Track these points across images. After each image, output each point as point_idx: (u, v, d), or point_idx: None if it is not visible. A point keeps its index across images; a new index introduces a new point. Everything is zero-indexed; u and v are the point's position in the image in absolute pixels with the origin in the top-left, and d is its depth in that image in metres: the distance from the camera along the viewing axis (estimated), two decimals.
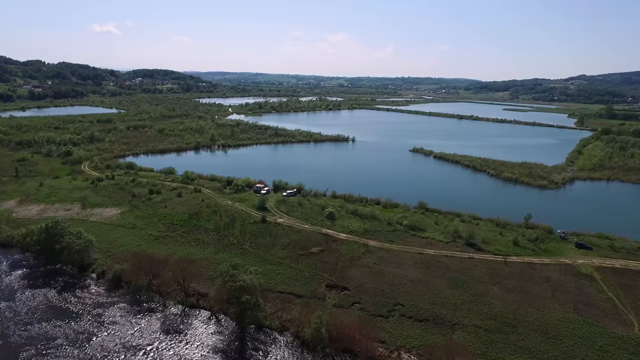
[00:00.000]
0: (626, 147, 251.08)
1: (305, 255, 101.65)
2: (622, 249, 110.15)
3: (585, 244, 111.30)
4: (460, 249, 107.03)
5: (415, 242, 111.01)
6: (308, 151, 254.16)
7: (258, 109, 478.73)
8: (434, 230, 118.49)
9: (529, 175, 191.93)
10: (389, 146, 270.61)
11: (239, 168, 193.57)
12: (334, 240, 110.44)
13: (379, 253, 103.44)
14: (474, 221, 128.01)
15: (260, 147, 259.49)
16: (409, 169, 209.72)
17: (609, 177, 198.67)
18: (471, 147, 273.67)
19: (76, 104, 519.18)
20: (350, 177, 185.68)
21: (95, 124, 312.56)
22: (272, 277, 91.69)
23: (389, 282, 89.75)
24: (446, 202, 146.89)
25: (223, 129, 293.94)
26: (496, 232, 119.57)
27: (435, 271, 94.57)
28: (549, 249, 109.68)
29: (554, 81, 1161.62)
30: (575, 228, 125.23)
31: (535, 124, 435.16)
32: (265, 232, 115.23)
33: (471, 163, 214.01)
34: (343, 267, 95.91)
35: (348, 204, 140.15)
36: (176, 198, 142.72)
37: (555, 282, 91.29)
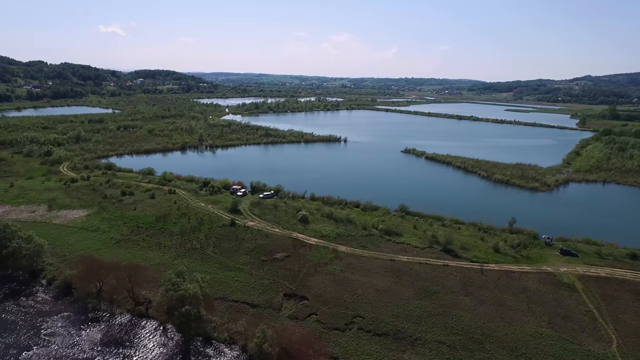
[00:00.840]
0: (626, 148, 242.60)
1: (269, 261, 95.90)
2: (610, 255, 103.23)
3: (571, 251, 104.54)
4: (436, 255, 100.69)
5: (389, 247, 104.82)
6: (297, 152, 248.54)
7: (255, 109, 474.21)
8: (411, 235, 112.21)
9: (521, 177, 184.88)
10: (381, 147, 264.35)
11: (221, 169, 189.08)
12: (303, 246, 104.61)
13: (347, 259, 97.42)
14: (456, 225, 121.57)
15: (249, 147, 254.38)
16: (399, 170, 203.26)
17: (605, 179, 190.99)
18: (467, 147, 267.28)
19: (73, 104, 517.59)
20: (336, 178, 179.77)
21: (85, 124, 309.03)
22: (229, 285, 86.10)
23: (353, 291, 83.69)
24: (431, 205, 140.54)
25: (213, 129, 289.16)
26: (477, 237, 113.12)
27: (405, 280, 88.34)
28: (532, 255, 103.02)
29: (559, 82, 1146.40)
30: (563, 233, 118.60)
31: (536, 125, 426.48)
32: (232, 236, 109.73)
33: (462, 164, 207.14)
34: (306, 275, 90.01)
35: (326, 206, 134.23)
36: (148, 200, 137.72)
37: (533, 293, 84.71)
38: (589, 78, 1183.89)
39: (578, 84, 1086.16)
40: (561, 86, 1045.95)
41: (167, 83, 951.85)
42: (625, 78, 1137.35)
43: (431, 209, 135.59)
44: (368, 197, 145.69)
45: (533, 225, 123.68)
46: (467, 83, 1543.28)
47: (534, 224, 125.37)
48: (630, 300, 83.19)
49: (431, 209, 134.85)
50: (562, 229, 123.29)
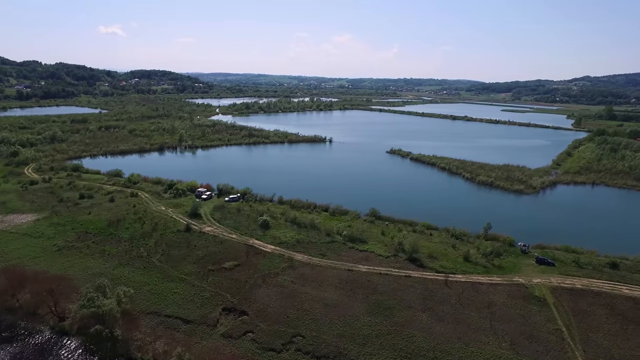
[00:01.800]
0: (617, 148, 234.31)
1: (216, 271, 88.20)
2: (588, 265, 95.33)
3: (547, 259, 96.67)
4: (400, 265, 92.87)
5: (350, 256, 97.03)
6: (279, 153, 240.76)
7: (245, 109, 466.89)
8: (376, 242, 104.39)
9: (506, 179, 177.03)
10: (367, 147, 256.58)
11: (195, 170, 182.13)
12: (257, 253, 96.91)
13: (302, 269, 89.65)
14: (428, 231, 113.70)
15: (230, 148, 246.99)
16: (381, 171, 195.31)
17: (594, 181, 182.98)
18: (456, 148, 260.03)
19: (63, 104, 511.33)
20: (313, 180, 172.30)
21: (67, 124, 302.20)
22: (166, 297, 78.37)
23: (299, 306, 75.92)
24: (408, 209, 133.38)
25: (195, 130, 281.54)
26: (449, 244, 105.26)
27: (359, 293, 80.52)
28: (505, 265, 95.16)
29: (557, 82, 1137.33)
30: (543, 239, 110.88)
31: (530, 125, 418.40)
32: (184, 242, 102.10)
33: (447, 165, 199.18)
34: (252, 286, 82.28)
35: (292, 210, 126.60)
36: (107, 203, 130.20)
37: (498, 308, 76.83)
38: (587, 78, 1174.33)
39: (576, 84, 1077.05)
40: (559, 87, 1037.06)
41: (162, 83, 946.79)
42: (624, 78, 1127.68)
43: (407, 212, 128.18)
44: (343, 199, 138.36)
45: (512, 231, 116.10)
46: (466, 84, 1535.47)
47: (513, 230, 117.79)
48: (603, 315, 75.31)
49: (407, 213, 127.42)
50: (542, 234, 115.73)
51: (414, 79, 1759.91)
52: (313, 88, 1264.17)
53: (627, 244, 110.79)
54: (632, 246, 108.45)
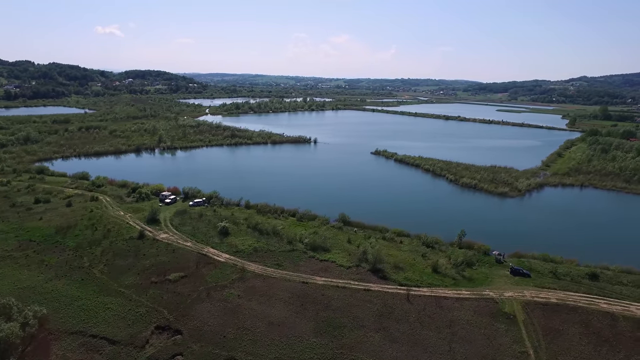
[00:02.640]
0: (609, 149, 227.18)
1: (159, 283, 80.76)
2: (567, 275, 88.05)
3: (522, 270, 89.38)
4: (361, 276, 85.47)
5: (309, 266, 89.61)
6: (260, 153, 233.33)
7: (235, 109, 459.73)
8: (340, 251, 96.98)
9: (491, 181, 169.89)
10: (352, 148, 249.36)
11: (167, 172, 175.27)
12: (208, 263, 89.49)
13: (252, 281, 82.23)
14: (398, 238, 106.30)
15: (210, 149, 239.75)
16: (362, 173, 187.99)
17: (582, 183, 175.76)
18: (445, 149, 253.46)
19: (51, 104, 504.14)
20: (290, 182, 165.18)
21: (48, 124, 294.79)
22: (96, 314, 70.87)
23: (240, 324, 68.50)
24: (383, 213, 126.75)
25: (176, 130, 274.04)
26: (419, 253, 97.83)
27: (310, 309, 73.10)
28: (476, 276, 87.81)
29: (554, 82, 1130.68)
30: (521, 246, 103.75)
31: (524, 125, 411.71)
32: (133, 251, 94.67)
33: (431, 167, 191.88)
34: (195, 301, 74.84)
35: (258, 215, 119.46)
36: (62, 208, 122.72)
37: (461, 328, 69.44)
38: (584, 79, 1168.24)
39: (573, 84, 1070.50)
40: (556, 87, 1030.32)
41: (156, 83, 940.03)
42: (621, 79, 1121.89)
43: (381, 217, 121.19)
44: (317, 203, 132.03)
45: (491, 237, 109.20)
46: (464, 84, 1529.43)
47: (492, 236, 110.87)
48: (577, 335, 67.99)
49: (381, 218, 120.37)
50: (522, 241, 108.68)
51: (411, 80, 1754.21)
52: (309, 88, 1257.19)
53: (610, 252, 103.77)
54: (615, 254, 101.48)
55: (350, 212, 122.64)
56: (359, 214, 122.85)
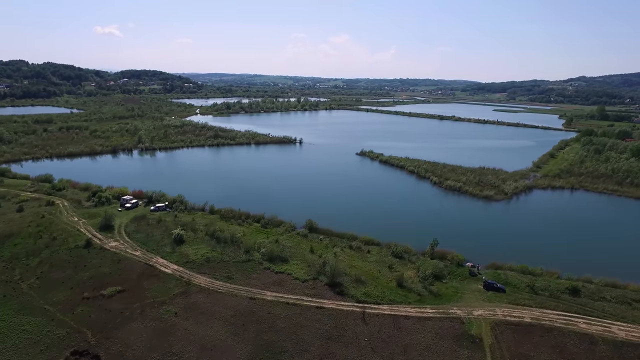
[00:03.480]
0: (602, 150, 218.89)
1: (91, 299, 72.91)
2: (545, 290, 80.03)
3: (496, 284, 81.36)
4: (316, 291, 77.48)
5: (262, 279, 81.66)
6: (242, 154, 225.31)
7: (226, 109, 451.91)
8: (299, 262, 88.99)
9: (477, 184, 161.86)
10: (338, 149, 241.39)
11: (138, 174, 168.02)
12: (153, 275, 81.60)
13: (196, 296, 74.30)
14: (366, 247, 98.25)
15: (191, 149, 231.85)
16: (344, 174, 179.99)
17: (573, 186, 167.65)
18: (434, 149, 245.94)
19: (40, 104, 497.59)
20: (265, 184, 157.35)
21: (29, 124, 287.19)
22: (9, 338, 63.28)
23: (168, 348, 60.61)
24: (357, 218, 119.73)
25: (157, 131, 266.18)
26: (386, 264, 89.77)
27: (251, 330, 65.16)
28: (445, 291, 79.79)
29: (553, 82, 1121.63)
30: (500, 256, 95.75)
31: (519, 125, 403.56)
32: (74, 262, 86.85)
33: (416, 169, 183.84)
34: (124, 320, 66.98)
35: (221, 221, 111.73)
36: (12, 214, 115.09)
37: (418, 354, 61.48)
38: (583, 79, 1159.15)
39: (572, 84, 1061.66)
40: (555, 87, 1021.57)
41: (152, 83, 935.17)
42: (620, 79, 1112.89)
43: (354, 223, 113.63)
44: (289, 207, 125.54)
45: (468, 246, 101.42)
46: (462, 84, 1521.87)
47: (469, 244, 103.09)
48: None
49: (354, 224, 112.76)
50: (501, 250, 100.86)
51: (410, 80, 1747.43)
52: (307, 88, 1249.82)
53: (595, 261, 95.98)
54: (601, 263, 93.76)
55: (324, 217, 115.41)
56: (331, 219, 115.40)
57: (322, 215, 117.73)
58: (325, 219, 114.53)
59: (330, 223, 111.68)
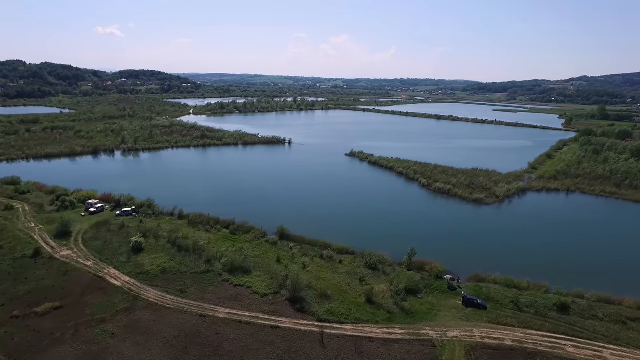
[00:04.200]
0: (601, 150, 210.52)
1: (20, 318, 65.51)
2: (530, 307, 72.23)
3: (476, 300, 73.58)
4: (275, 308, 69.86)
5: (219, 293, 74.12)
6: (228, 155, 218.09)
7: (219, 109, 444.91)
8: (263, 273, 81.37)
9: (468, 186, 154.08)
10: (328, 149, 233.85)
11: (112, 176, 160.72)
12: (100, 289, 74.22)
13: (141, 313, 66.85)
14: (339, 257, 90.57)
15: (176, 150, 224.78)
16: (329, 176, 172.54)
17: (569, 188, 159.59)
18: (426, 149, 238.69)
19: (33, 104, 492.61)
20: (243, 187, 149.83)
21: (14, 124, 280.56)
22: None
23: None
24: (335, 225, 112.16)
25: (144, 131, 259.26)
26: (357, 276, 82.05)
27: (193, 354, 57.67)
28: (419, 308, 72.03)
29: (554, 82, 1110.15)
30: (485, 266, 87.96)
31: (518, 125, 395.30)
32: (14, 274, 79.58)
33: (405, 170, 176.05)
34: (53, 343, 59.61)
35: (188, 228, 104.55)
36: None
37: None
38: (585, 78, 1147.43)
39: (573, 84, 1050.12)
40: (556, 86, 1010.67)
41: (150, 83, 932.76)
42: (621, 78, 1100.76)
43: (331, 229, 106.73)
44: (265, 212, 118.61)
45: (451, 254, 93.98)
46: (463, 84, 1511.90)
47: (453, 253, 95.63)
48: None
49: (331, 230, 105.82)
50: (486, 259, 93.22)
51: (410, 79, 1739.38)
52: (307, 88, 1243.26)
53: (589, 272, 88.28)
54: (594, 275, 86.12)
55: (301, 222, 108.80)
56: (309, 224, 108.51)
57: (299, 220, 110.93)
58: (302, 224, 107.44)
59: (307, 228, 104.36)
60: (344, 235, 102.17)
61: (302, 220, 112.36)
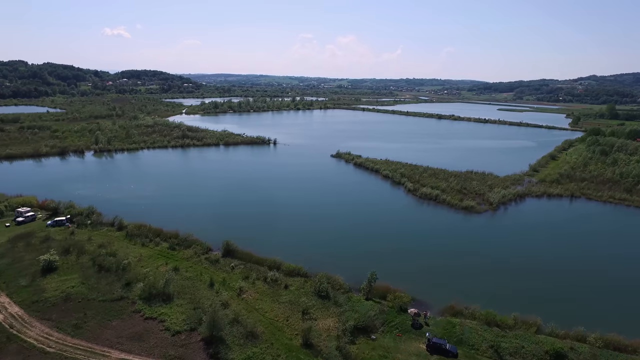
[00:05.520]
0: (609, 151, 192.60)
1: None
2: (515, 355, 56.20)
3: (445, 344, 57.92)
4: (184, 352, 54.76)
5: (123, 328, 59.20)
6: (202, 156, 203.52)
7: (213, 108, 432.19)
8: (186, 302, 66.30)
9: (459, 191, 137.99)
10: (315, 150, 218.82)
11: (64, 180, 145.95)
12: None
13: None
14: (285, 280, 75.18)
15: (152, 151, 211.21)
16: (307, 180, 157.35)
17: (573, 193, 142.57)
18: (420, 150, 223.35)
19: (24, 103, 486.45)
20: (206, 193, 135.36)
21: None
22: None
23: None
24: (297, 238, 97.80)
25: (122, 131, 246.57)
26: (300, 308, 66.41)
27: None
28: (367, 355, 56.49)
29: (562, 82, 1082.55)
30: (462, 295, 71.94)
31: (522, 124, 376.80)
32: None
33: (391, 173, 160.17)
34: None
35: (124, 240, 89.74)
36: None
37: None
38: (593, 78, 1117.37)
39: (581, 83, 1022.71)
40: (564, 86, 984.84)
41: (151, 83, 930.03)
42: (631, 77, 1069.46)
43: (291, 245, 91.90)
44: (222, 222, 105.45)
45: (424, 279, 78.54)
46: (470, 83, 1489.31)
47: (426, 277, 79.82)
48: None
49: (290, 246, 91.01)
50: (466, 287, 77.08)
51: (416, 79, 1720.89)
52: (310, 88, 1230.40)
53: (593, 304, 71.72)
54: (601, 308, 69.46)
55: (255, 235, 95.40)
56: (263, 238, 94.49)
57: (255, 233, 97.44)
58: (257, 237, 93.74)
59: (262, 243, 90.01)
60: (302, 252, 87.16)
61: (258, 233, 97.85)
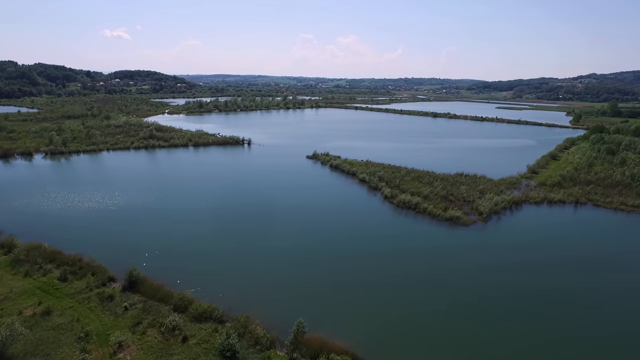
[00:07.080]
0: (617, 150, 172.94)
1: None
2: None
3: None
4: None
5: None
6: (165, 159, 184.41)
7: (198, 108, 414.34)
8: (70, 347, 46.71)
9: (445, 198, 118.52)
10: (291, 150, 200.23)
11: None
12: None
13: None
14: (188, 327, 55.76)
15: (112, 153, 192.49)
16: (272, 188, 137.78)
17: (578, 199, 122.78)
18: (408, 150, 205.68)
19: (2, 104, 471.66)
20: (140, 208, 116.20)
21: None
22: None
23: None
24: (222, 267, 79.40)
25: (82, 132, 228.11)
26: None
27: None
28: None
29: (562, 80, 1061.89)
30: (434, 352, 52.42)
31: (521, 123, 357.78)
32: None
33: (368, 177, 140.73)
34: None
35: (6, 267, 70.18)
36: None
37: None
38: (593, 76, 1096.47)
39: (582, 81, 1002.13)
40: (564, 84, 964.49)
41: (144, 83, 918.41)
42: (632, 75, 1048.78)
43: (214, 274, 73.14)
44: (143, 242, 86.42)
45: (379, 324, 58.81)
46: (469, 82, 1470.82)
47: (380, 322, 60.27)
48: None
49: (213, 276, 72.11)
50: (441, 335, 57.65)
51: (415, 79, 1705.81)
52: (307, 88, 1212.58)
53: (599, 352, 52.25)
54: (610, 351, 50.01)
55: (183, 258, 75.41)
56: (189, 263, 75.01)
57: (186, 255, 77.71)
58: (186, 261, 74.63)
59: (186, 268, 71.52)
60: (231, 282, 68.12)
61: (185, 256, 78.37)
